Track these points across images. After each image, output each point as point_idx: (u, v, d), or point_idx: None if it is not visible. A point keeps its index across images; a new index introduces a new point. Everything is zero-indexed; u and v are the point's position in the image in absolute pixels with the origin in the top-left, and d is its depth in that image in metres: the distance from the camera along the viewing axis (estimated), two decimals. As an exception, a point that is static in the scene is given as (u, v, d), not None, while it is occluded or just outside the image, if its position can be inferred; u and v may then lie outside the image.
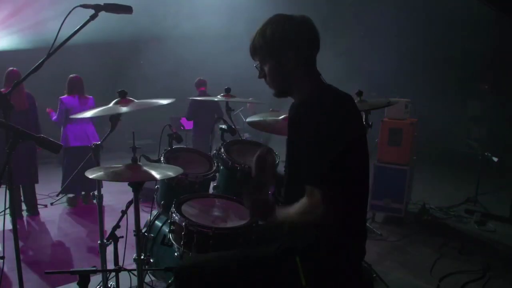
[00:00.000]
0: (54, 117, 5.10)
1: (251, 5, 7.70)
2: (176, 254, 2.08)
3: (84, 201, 5.34)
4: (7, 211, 4.09)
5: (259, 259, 1.67)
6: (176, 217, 2.08)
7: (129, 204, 2.32)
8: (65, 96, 4.99)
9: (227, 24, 8.08)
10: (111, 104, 2.29)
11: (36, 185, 4.91)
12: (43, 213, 4.94)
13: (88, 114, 2.37)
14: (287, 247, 1.62)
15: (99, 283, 2.61)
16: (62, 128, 5.11)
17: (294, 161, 1.57)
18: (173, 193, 2.44)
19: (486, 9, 5.60)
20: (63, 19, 1.88)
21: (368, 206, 2.14)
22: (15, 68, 4.55)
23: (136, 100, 2.33)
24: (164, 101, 2.30)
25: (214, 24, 8.04)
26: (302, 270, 1.54)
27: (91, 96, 5.10)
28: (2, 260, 2.29)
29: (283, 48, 1.58)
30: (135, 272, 2.09)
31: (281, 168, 2.83)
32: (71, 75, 5.10)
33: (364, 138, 1.64)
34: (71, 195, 5.29)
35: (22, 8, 6.89)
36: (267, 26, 1.60)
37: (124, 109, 2.22)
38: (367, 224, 4.42)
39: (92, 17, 1.95)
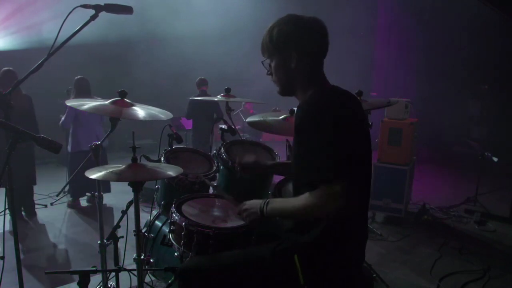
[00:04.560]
0: (63, 120, 5.00)
1: (250, 6, 7.72)
2: (176, 254, 2.08)
3: (87, 202, 5.34)
4: (7, 211, 4.09)
5: (258, 258, 1.67)
6: (176, 217, 2.07)
7: (129, 204, 2.32)
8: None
9: (227, 25, 8.09)
10: (108, 102, 2.29)
11: (36, 185, 4.91)
12: (43, 213, 4.94)
13: (85, 107, 2.30)
14: (286, 246, 1.63)
15: (99, 283, 2.62)
16: (71, 132, 5.06)
17: (304, 161, 1.55)
18: (173, 193, 2.44)
19: (487, 9, 5.60)
20: (63, 19, 1.88)
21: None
22: (10, 68, 4.48)
23: (136, 107, 2.33)
24: (163, 116, 2.35)
25: (214, 25, 8.05)
26: (301, 269, 1.54)
27: (99, 98, 5.04)
28: (2, 260, 2.29)
29: (287, 48, 1.60)
30: (135, 272, 2.09)
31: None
32: (77, 77, 5.00)
33: (368, 137, 1.65)
34: (70, 198, 5.29)
35: (19, 9, 6.90)
36: (275, 25, 1.63)
37: (126, 112, 2.23)
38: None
39: (93, 18, 1.95)
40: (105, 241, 2.51)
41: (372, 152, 1.67)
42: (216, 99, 3.25)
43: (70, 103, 2.33)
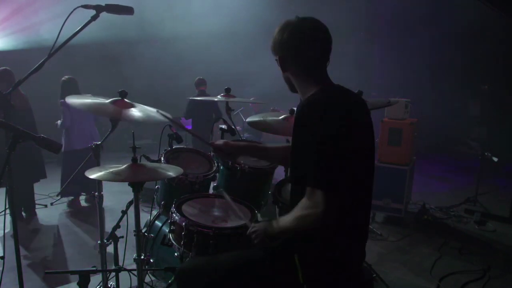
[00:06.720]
0: (62, 122, 4.95)
1: (250, 6, 7.72)
2: (176, 254, 2.08)
3: (87, 202, 5.34)
4: (8, 211, 4.08)
5: (258, 258, 1.67)
6: (176, 217, 2.07)
7: (129, 204, 2.32)
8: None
9: (226, 25, 8.10)
10: (108, 102, 2.29)
11: (36, 185, 4.91)
12: (43, 213, 4.94)
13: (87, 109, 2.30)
14: (285, 246, 1.63)
15: (99, 283, 2.62)
16: (64, 132, 5.06)
17: (297, 162, 1.58)
18: (173, 193, 2.44)
19: (487, 9, 5.60)
20: (63, 20, 1.87)
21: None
22: (7, 68, 4.37)
23: (135, 107, 2.32)
24: (162, 117, 2.29)
25: (213, 25, 8.06)
26: (301, 268, 1.54)
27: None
28: (2, 260, 2.29)
29: (284, 51, 1.64)
30: (135, 272, 2.09)
31: (279, 171, 2.85)
32: (63, 78, 5.01)
33: (369, 139, 1.64)
34: (70, 198, 5.29)
35: (18, 10, 6.90)
36: (278, 28, 1.66)
37: (126, 114, 2.23)
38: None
39: (93, 18, 1.95)
40: (105, 241, 2.51)
41: (374, 154, 1.68)
42: (216, 99, 3.25)
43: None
